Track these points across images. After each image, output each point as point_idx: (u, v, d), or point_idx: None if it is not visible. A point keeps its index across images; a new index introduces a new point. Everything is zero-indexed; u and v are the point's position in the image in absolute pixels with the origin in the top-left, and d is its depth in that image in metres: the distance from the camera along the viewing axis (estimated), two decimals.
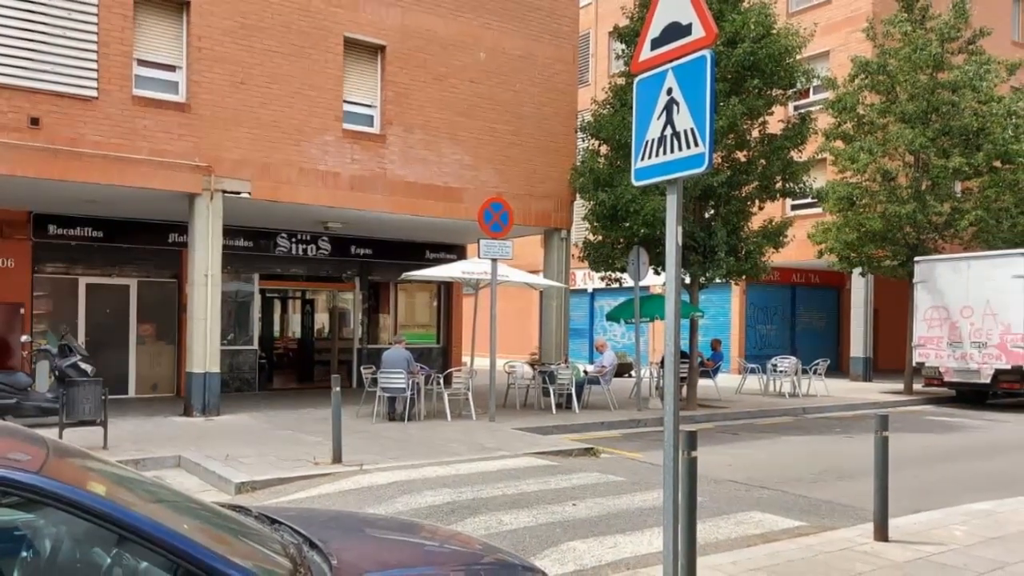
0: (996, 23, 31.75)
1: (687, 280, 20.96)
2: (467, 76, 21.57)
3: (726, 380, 27.39)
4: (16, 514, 3.55)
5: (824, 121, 26.38)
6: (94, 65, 16.89)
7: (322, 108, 19.58)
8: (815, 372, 26.00)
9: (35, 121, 16.22)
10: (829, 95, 27.36)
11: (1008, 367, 22.86)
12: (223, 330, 20.27)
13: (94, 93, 16.89)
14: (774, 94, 21.06)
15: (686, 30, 5.88)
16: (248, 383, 24.11)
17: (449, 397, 18.79)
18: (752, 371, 27.28)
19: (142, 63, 17.71)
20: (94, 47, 16.90)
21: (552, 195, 23.07)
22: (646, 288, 21.90)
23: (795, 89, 21.82)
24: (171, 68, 18.08)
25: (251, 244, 23.63)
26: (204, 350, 18.34)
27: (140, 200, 18.98)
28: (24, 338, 19.57)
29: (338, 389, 13.09)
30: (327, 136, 19.66)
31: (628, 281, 21.78)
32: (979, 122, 25.03)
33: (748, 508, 10.34)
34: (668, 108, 5.98)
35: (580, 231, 24.61)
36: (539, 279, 22.91)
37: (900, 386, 27.83)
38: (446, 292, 28.20)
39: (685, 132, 5.83)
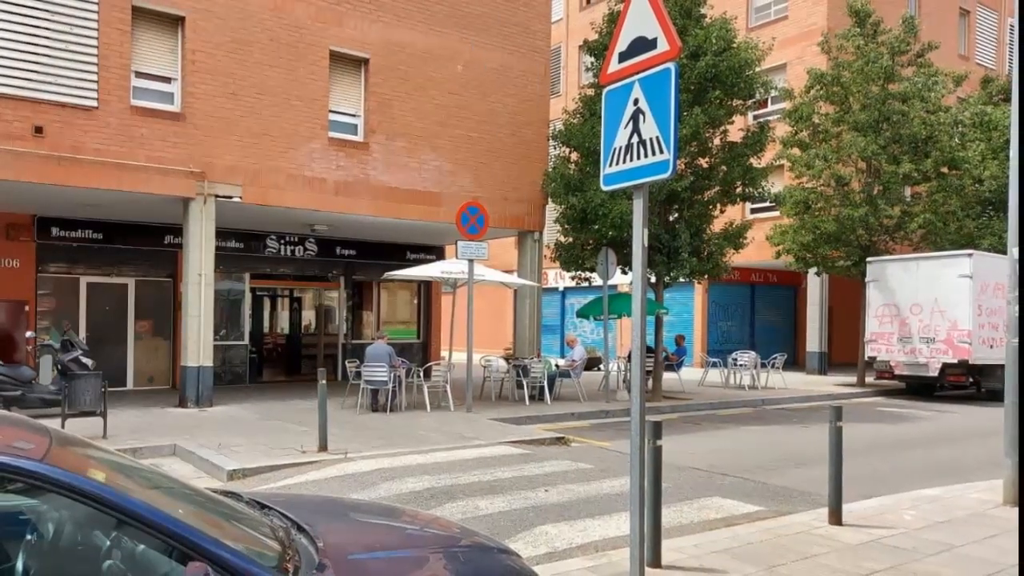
0: (943, 37, 32.04)
1: (652, 279, 20.97)
2: (446, 87, 21.57)
3: (689, 373, 27.49)
4: (21, 499, 3.56)
5: (782, 129, 26.52)
6: (94, 77, 16.83)
7: (309, 117, 19.55)
8: (773, 366, 26.10)
9: (39, 130, 16.16)
10: (786, 105, 27.49)
11: (954, 361, 22.97)
12: (216, 326, 20.18)
13: (94, 103, 16.83)
14: (734, 104, 21.09)
15: (652, 44, 5.90)
16: (239, 376, 24.04)
17: (428, 389, 18.78)
18: (714, 365, 27.40)
19: (140, 75, 17.66)
20: (94, 60, 16.84)
21: (525, 199, 23.09)
22: (614, 287, 21.89)
23: (754, 99, 21.86)
24: (167, 80, 18.02)
25: (242, 245, 23.53)
26: (198, 345, 18.29)
27: (137, 204, 18.90)
28: (28, 334, 19.47)
29: (324, 382, 13.10)
30: (314, 144, 19.62)
31: (597, 280, 21.83)
32: (927, 131, 25.23)
33: (710, 494, 10.38)
34: (635, 117, 5.99)
35: (552, 233, 24.64)
36: (513, 278, 22.92)
37: (853, 379, 28.02)
38: (426, 290, 28.18)
39: (651, 140, 5.84)
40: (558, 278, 38.97)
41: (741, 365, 25.90)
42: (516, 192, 22.85)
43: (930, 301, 23.48)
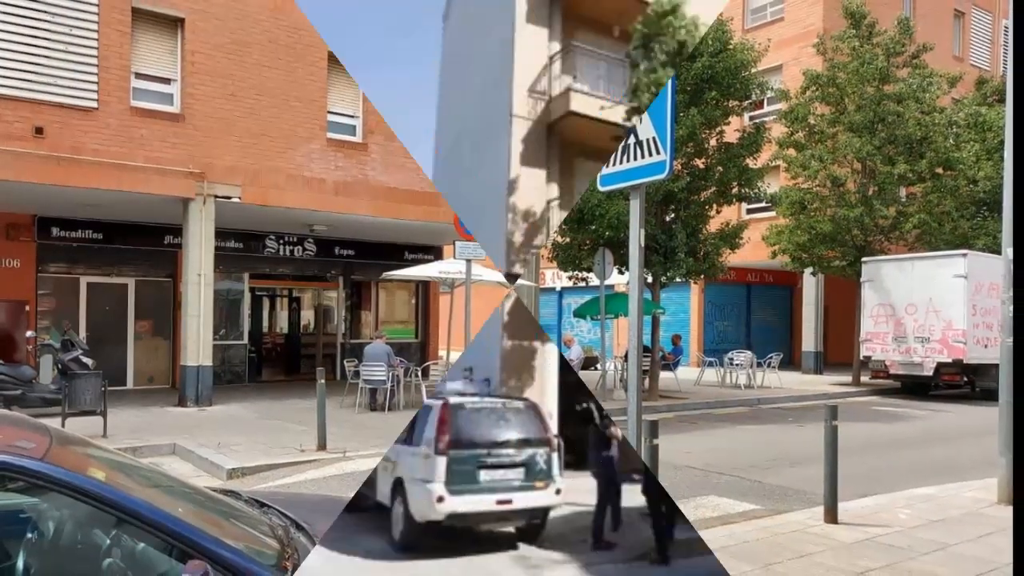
0: (938, 39, 31.96)
1: (649, 279, 20.98)
2: None
3: (686, 373, 27.44)
4: (22, 498, 3.56)
5: (777, 130, 26.44)
6: (94, 78, 16.86)
7: (308, 118, 19.57)
8: (769, 365, 26.11)
9: (39, 130, 16.18)
10: (782, 106, 27.44)
11: (949, 360, 22.96)
12: (215, 326, 20.16)
13: (94, 104, 16.85)
14: (731, 105, 21.11)
15: None
16: (239, 375, 24.02)
17: (427, 388, 18.80)
18: (710, 364, 27.35)
19: (139, 76, 17.70)
20: (95, 61, 16.87)
21: None
22: (611, 287, 21.90)
23: (750, 100, 21.90)
24: (166, 81, 18.04)
25: (241, 245, 23.49)
26: (197, 345, 18.30)
27: (137, 204, 18.87)
28: (29, 333, 19.46)
29: (323, 381, 13.11)
30: (312, 144, 19.63)
31: (594, 280, 21.80)
32: (922, 131, 25.22)
33: (706, 493, 10.39)
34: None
35: None
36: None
37: (849, 378, 27.98)
38: (424, 290, 28.14)
39: (647, 141, 5.84)
40: (555, 278, 38.88)
41: (737, 365, 25.87)
42: None
43: (925, 301, 23.46)
